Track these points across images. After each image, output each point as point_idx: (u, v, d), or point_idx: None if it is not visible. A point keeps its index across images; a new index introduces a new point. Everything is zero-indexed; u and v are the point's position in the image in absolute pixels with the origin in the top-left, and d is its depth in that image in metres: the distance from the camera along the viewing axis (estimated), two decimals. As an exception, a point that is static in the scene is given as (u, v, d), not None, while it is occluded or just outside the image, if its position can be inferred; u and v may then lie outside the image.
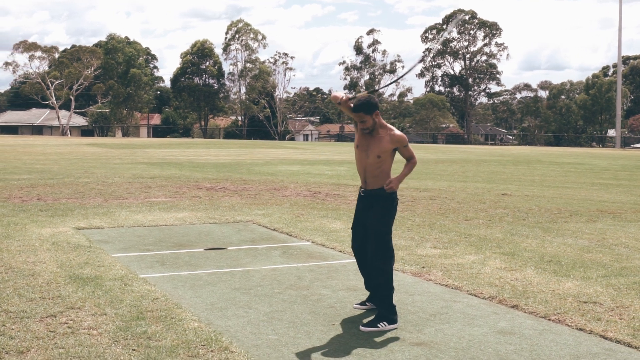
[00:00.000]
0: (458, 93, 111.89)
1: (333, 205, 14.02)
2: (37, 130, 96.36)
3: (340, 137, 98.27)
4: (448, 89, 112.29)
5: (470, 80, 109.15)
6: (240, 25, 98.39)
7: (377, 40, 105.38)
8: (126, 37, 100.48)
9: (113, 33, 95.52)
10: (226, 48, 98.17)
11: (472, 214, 13.01)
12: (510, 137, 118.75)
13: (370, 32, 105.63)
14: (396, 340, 5.69)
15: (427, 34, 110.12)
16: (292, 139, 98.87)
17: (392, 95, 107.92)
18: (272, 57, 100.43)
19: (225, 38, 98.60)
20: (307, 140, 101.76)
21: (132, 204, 13.55)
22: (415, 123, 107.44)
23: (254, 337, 5.67)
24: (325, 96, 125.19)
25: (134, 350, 5.20)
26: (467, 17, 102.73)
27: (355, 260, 7.13)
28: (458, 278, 7.78)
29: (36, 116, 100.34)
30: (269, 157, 33.71)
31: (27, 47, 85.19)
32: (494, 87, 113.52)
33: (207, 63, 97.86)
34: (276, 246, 9.69)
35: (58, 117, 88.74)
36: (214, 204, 13.82)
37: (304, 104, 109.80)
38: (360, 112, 6.18)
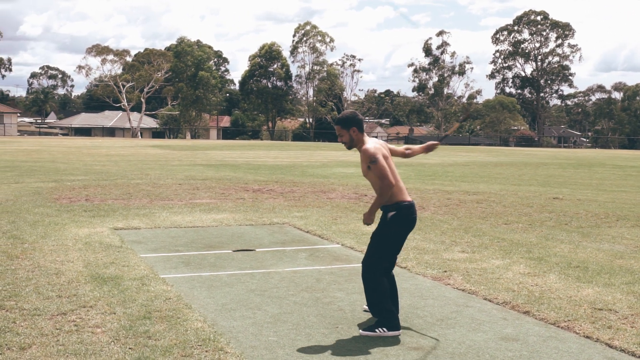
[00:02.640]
0: (529, 95, 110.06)
1: (374, 208, 13.98)
2: (110, 132, 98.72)
3: (410, 140, 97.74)
4: (519, 90, 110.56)
5: (541, 82, 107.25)
6: (307, 27, 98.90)
7: (446, 42, 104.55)
8: (198, 41, 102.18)
9: (183, 36, 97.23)
10: (294, 51, 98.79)
11: (514, 218, 12.81)
12: (584, 140, 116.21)
13: (440, 33, 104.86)
14: (395, 344, 5.67)
15: (497, 36, 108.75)
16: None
17: (461, 97, 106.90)
18: (340, 60, 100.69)
19: (293, 41, 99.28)
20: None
21: (175, 205, 13.78)
22: (485, 125, 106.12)
23: (254, 339, 5.72)
24: (393, 99, 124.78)
25: (131, 348, 5.32)
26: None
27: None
28: (477, 283, 7.69)
29: (109, 118, 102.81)
30: (327, 160, 33.79)
31: (99, 50, 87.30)
32: (566, 89, 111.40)
33: (275, 65, 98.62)
34: (305, 248, 9.74)
35: (129, 119, 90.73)
36: (256, 205, 13.95)
37: (371, 105, 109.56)
38: (338, 125, 6.08)
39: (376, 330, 5.92)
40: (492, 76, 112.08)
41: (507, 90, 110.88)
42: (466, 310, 6.71)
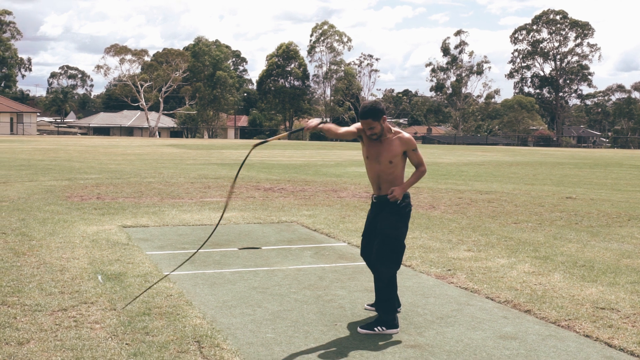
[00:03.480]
0: (548, 95, 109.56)
1: (384, 206, 13.96)
2: (128, 131, 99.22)
3: (427, 140, 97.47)
4: (538, 90, 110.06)
5: (560, 81, 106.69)
6: (325, 27, 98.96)
7: (464, 42, 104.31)
8: (217, 40, 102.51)
9: (200, 36, 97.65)
10: (311, 50, 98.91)
11: (524, 217, 12.75)
12: (604, 140, 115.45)
13: (458, 33, 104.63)
14: (392, 342, 5.66)
15: (516, 35, 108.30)
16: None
17: (479, 96, 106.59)
18: (357, 59, 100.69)
19: (310, 40, 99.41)
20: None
21: (185, 203, 13.83)
22: (503, 125, 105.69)
23: (252, 335, 5.73)
24: (411, 99, 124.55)
25: (127, 344, 5.34)
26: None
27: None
28: (480, 281, 7.66)
29: (127, 118, 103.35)
30: (341, 159, 33.78)
31: (117, 50, 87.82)
32: (585, 89, 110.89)
33: (293, 65, 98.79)
34: (311, 247, 9.74)
35: (147, 119, 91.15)
36: (265, 204, 13.97)
37: (388, 105, 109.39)
38: (369, 118, 6.00)
39: (375, 328, 5.90)
40: (510, 76, 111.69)
41: (526, 89, 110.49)
42: (467, 308, 6.68)
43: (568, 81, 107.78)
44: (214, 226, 11.24)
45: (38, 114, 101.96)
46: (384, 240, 6.04)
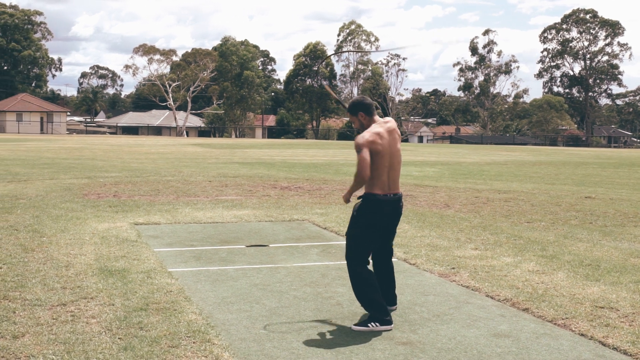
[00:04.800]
0: (577, 94, 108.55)
1: (398, 205, 13.93)
2: (157, 130, 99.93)
3: (455, 139, 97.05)
4: (567, 90, 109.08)
5: (590, 81, 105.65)
6: (352, 27, 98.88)
7: (492, 41, 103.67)
8: (246, 40, 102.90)
9: (228, 36, 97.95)
10: (338, 50, 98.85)
11: (538, 217, 12.66)
12: (635, 140, 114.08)
13: (486, 32, 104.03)
14: (384, 339, 5.67)
15: (545, 34, 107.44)
16: (406, 140, 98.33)
17: (507, 96, 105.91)
18: (384, 59, 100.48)
19: (338, 40, 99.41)
20: (422, 141, 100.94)
21: (200, 201, 13.92)
22: (532, 125, 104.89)
23: (245, 331, 5.77)
24: (439, 99, 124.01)
25: (120, 339, 5.40)
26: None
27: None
28: (482, 280, 7.63)
29: (156, 117, 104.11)
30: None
31: (146, 50, 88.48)
32: (615, 89, 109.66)
33: (320, 65, 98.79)
34: (318, 244, 9.76)
35: (175, 118, 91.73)
36: (279, 202, 14.02)
37: (416, 105, 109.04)
38: (348, 112, 6.20)
39: (369, 325, 5.91)
40: (540, 75, 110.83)
41: (555, 89, 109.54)
42: (465, 306, 6.67)
43: (598, 81, 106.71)
44: (226, 224, 11.31)
45: (68, 113, 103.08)
46: (346, 241, 6.21)
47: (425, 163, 30.62)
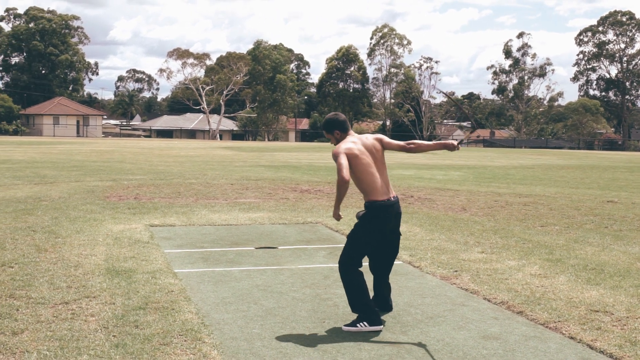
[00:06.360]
0: (614, 97, 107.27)
1: (414, 209, 14.01)
2: (191, 134, 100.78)
3: (488, 143, 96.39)
4: (603, 93, 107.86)
5: (627, 84, 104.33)
6: (385, 30, 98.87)
7: (527, 44, 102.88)
8: (280, 44, 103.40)
9: (260, 40, 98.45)
10: (371, 53, 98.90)
11: (554, 221, 12.64)
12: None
13: (520, 35, 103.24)
14: (373, 340, 5.77)
15: (581, 37, 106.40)
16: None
17: (542, 99, 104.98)
18: (417, 62, 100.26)
19: (370, 43, 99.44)
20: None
21: (218, 204, 14.11)
22: (567, 129, 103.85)
23: (238, 330, 5.91)
24: (473, 102, 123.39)
25: (114, 336, 5.58)
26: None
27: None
28: (482, 282, 7.69)
29: (190, 120, 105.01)
30: (390, 162, 33.69)
31: (180, 54, 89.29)
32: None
33: (352, 68, 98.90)
34: (327, 247, 9.88)
35: (208, 122, 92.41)
36: (296, 205, 14.16)
37: (449, 108, 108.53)
38: (323, 130, 6.41)
39: (357, 325, 6.02)
40: (575, 78, 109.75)
41: (591, 92, 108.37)
42: (460, 309, 6.74)
43: (635, 84, 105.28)
44: (239, 226, 11.47)
45: (104, 117, 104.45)
46: (345, 244, 6.30)
47: (452, 167, 30.56)
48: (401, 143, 6.61)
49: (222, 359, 5.20)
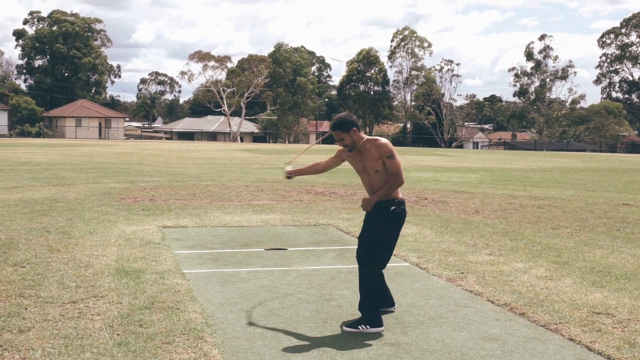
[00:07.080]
0: (637, 100, 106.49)
1: (427, 211, 14.05)
2: (212, 136, 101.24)
3: (511, 145, 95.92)
4: (626, 95, 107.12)
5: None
6: (406, 32, 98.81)
7: (549, 46, 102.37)
8: (301, 47, 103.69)
9: (281, 42, 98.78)
10: (391, 56, 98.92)
11: (566, 224, 12.63)
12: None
13: (542, 37, 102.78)
14: (373, 340, 5.83)
15: (604, 39, 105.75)
16: (460, 146, 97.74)
17: (564, 101, 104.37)
18: (438, 64, 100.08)
19: (391, 46, 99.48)
20: (477, 147, 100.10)
21: (231, 205, 14.23)
22: (590, 131, 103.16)
23: (241, 330, 6.00)
24: (494, 104, 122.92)
25: (118, 335, 5.69)
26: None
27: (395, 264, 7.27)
28: (487, 284, 7.73)
29: (211, 123, 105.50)
30: (407, 164, 33.73)
31: (201, 56, 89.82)
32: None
33: (373, 70, 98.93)
34: (336, 248, 9.95)
35: (229, 124, 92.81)
36: (309, 207, 14.24)
37: (470, 111, 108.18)
38: (337, 130, 6.25)
39: (359, 327, 6.08)
40: (597, 81, 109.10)
41: (614, 95, 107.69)
42: (463, 310, 6.78)
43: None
44: (251, 227, 11.57)
45: (126, 119, 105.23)
46: (371, 241, 6.24)
47: (469, 169, 30.51)
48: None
49: (222, 358, 5.28)
